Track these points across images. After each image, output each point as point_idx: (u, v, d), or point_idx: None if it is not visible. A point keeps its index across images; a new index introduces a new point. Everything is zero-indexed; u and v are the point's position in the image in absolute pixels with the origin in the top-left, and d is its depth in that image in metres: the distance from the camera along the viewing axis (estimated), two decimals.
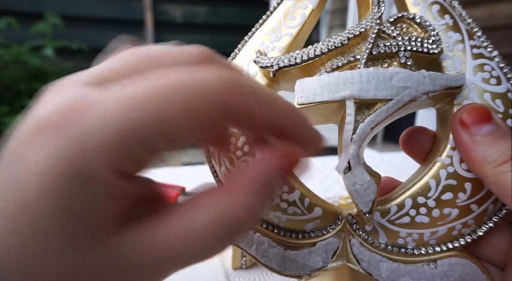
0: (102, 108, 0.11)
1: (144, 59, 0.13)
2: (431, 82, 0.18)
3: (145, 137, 0.11)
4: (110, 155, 0.11)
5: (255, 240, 0.21)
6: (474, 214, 0.19)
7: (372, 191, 0.19)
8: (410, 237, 0.20)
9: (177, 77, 0.12)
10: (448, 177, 0.19)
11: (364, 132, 0.18)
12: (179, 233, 0.12)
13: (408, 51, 0.19)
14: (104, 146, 0.11)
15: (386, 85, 0.18)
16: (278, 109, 0.14)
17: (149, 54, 0.13)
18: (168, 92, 0.11)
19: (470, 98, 0.20)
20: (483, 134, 0.18)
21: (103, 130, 0.11)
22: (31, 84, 1.84)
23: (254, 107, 0.13)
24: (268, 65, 0.21)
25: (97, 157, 0.11)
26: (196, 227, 0.12)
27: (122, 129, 0.11)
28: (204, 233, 0.12)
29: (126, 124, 0.11)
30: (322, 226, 0.21)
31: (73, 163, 0.10)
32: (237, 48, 0.23)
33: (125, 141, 0.11)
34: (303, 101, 0.19)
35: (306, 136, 0.15)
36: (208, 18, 2.44)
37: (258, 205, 0.14)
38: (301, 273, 0.21)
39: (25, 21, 1.93)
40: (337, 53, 0.20)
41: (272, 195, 0.15)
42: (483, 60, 0.20)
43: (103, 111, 0.11)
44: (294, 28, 0.22)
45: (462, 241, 0.20)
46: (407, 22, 0.20)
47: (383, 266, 0.20)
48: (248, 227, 0.14)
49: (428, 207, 0.19)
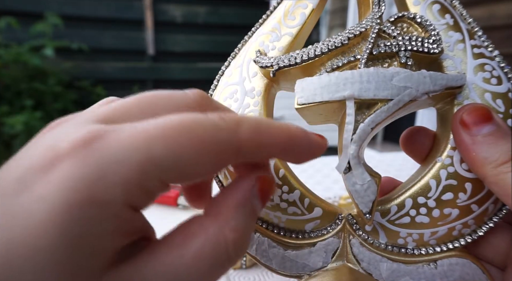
0: (122, 141, 0.11)
1: (150, 102, 0.13)
2: (432, 82, 0.18)
3: (165, 172, 0.12)
4: (129, 188, 0.11)
5: (255, 240, 0.21)
6: (475, 214, 0.19)
7: (372, 191, 0.19)
8: (410, 237, 0.20)
9: (191, 118, 0.12)
10: (449, 177, 0.19)
11: (364, 132, 0.18)
12: (170, 268, 0.12)
13: (408, 51, 0.19)
14: (124, 179, 0.11)
15: (387, 85, 0.18)
16: (280, 136, 0.15)
17: (153, 97, 0.14)
18: (185, 130, 0.12)
19: (470, 98, 0.19)
20: (484, 134, 0.17)
21: (124, 163, 0.11)
22: (31, 84, 1.84)
23: (260, 141, 0.14)
24: (268, 65, 0.21)
25: (115, 189, 0.11)
26: (187, 260, 0.12)
27: (145, 164, 0.11)
28: (195, 265, 0.12)
29: (150, 159, 0.11)
30: (322, 226, 0.21)
31: (90, 194, 0.10)
32: (237, 47, 0.23)
33: (145, 176, 0.11)
34: (303, 101, 0.19)
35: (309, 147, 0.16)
36: (208, 18, 2.44)
37: (246, 227, 0.14)
38: (301, 273, 0.21)
39: (25, 21, 1.93)
40: (337, 53, 0.20)
41: (256, 217, 0.15)
42: (484, 60, 0.20)
43: (124, 143, 0.11)
44: (294, 27, 0.22)
45: (462, 241, 0.20)
46: (407, 22, 0.20)
47: (383, 266, 0.20)
48: (239, 251, 0.14)
49: (428, 207, 0.19)
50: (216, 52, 2.40)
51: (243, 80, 0.22)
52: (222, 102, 0.22)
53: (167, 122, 0.12)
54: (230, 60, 0.23)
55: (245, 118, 0.14)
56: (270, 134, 0.14)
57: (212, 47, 2.45)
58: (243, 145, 0.13)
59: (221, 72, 0.23)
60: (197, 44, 2.46)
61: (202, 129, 0.12)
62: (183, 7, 2.38)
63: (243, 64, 0.22)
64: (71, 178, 0.10)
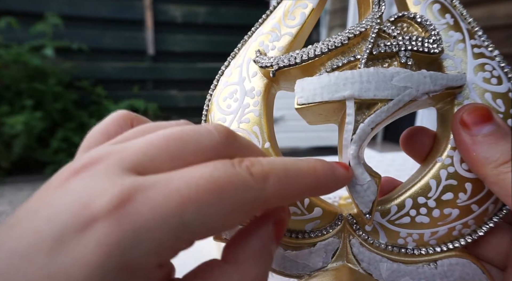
0: (157, 205, 0.11)
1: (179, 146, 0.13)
2: (432, 82, 0.18)
3: (195, 233, 0.12)
4: (161, 252, 0.11)
5: None
6: (475, 214, 0.19)
7: (372, 191, 0.19)
8: (410, 237, 0.20)
9: (222, 176, 0.13)
10: (449, 177, 0.19)
11: (364, 132, 0.18)
12: None
13: (408, 51, 0.19)
14: (157, 246, 0.11)
15: (387, 85, 0.18)
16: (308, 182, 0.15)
17: (181, 141, 0.14)
18: (216, 192, 0.12)
19: (470, 98, 0.19)
20: (484, 134, 0.17)
21: (159, 230, 0.11)
22: (31, 84, 1.84)
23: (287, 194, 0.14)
24: (268, 65, 0.20)
25: (148, 256, 0.11)
26: None
27: (178, 229, 0.11)
28: None
29: (183, 224, 0.11)
30: (322, 226, 0.21)
31: (125, 260, 0.10)
32: (236, 47, 0.23)
33: (178, 240, 0.11)
34: (303, 101, 0.19)
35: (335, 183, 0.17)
36: (208, 18, 2.44)
37: (265, 272, 0.15)
38: (301, 274, 0.21)
39: (25, 21, 1.93)
40: (337, 53, 0.20)
41: (272, 259, 0.16)
42: (484, 59, 0.20)
43: (158, 208, 0.11)
44: (294, 27, 0.22)
45: (462, 241, 0.20)
46: (407, 22, 0.20)
47: (383, 266, 0.20)
48: None
49: (429, 207, 0.19)
50: (216, 52, 2.40)
51: (243, 80, 0.22)
52: (222, 102, 0.22)
53: (199, 183, 0.12)
54: (230, 60, 0.23)
55: (274, 170, 0.14)
56: (297, 183, 0.15)
57: (212, 47, 2.46)
58: (269, 199, 0.14)
59: (221, 72, 0.23)
60: (197, 44, 2.46)
61: (233, 190, 0.12)
62: (183, 7, 2.38)
63: (243, 64, 0.22)
64: (106, 243, 0.10)
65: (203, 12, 2.42)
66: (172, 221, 0.11)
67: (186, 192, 0.12)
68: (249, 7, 2.45)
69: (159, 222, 0.11)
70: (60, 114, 1.97)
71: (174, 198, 0.11)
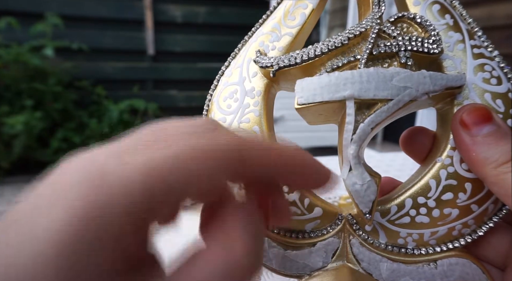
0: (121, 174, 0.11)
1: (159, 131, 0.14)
2: (432, 82, 0.18)
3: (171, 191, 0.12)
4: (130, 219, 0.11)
5: None
6: (474, 214, 0.19)
7: (372, 191, 0.19)
8: (410, 237, 0.20)
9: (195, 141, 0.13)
10: (448, 177, 0.19)
11: (364, 132, 0.18)
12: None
13: (408, 51, 0.19)
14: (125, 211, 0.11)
15: (387, 85, 0.18)
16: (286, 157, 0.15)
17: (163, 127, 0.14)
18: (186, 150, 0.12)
19: (470, 98, 0.20)
20: (484, 135, 0.17)
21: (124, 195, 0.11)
22: (31, 84, 1.84)
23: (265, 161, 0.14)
24: (268, 65, 0.21)
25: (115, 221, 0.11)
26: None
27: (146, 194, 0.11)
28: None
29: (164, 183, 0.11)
30: (322, 226, 0.21)
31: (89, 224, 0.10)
32: (237, 47, 0.23)
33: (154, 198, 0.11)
34: (303, 101, 0.19)
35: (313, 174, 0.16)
36: (208, 18, 2.44)
37: (258, 246, 0.14)
38: (301, 273, 0.21)
39: (25, 21, 1.93)
40: (337, 53, 0.20)
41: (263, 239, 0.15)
42: (484, 60, 0.20)
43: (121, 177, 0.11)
44: (294, 27, 0.22)
45: (462, 241, 0.20)
46: (407, 22, 0.20)
47: (383, 266, 0.20)
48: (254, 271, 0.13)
49: (428, 207, 0.19)
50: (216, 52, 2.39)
51: (243, 80, 0.22)
52: (222, 102, 0.22)
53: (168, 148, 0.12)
54: (230, 60, 0.23)
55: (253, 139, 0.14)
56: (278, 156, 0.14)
57: (212, 47, 2.45)
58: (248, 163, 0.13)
59: (221, 72, 0.23)
60: (197, 44, 2.45)
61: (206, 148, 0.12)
62: (183, 7, 2.38)
63: (243, 64, 0.22)
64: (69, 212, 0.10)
65: (203, 12, 2.42)
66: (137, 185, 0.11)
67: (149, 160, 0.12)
68: (249, 7, 2.45)
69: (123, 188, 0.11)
70: (60, 114, 1.97)
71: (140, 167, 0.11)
